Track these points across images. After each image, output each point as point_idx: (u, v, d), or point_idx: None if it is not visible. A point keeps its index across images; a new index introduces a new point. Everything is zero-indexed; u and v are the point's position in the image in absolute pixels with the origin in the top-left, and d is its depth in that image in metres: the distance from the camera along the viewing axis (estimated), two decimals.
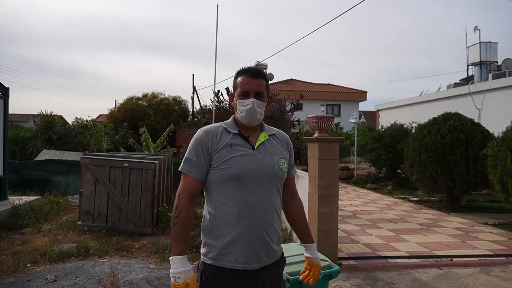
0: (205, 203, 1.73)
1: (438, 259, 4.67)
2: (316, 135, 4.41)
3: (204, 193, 1.74)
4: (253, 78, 1.72)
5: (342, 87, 30.81)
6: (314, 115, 4.38)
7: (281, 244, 1.81)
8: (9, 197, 7.29)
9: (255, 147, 1.68)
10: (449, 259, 4.68)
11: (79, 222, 5.97)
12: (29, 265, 4.20)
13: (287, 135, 1.89)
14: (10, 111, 7.65)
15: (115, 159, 6.23)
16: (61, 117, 27.45)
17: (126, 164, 6.06)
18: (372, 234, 5.94)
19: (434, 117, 8.88)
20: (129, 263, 4.33)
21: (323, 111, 4.82)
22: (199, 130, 1.76)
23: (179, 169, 1.73)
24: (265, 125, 1.82)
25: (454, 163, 7.88)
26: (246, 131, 1.71)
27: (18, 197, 7.18)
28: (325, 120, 4.28)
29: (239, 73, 1.77)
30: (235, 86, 1.78)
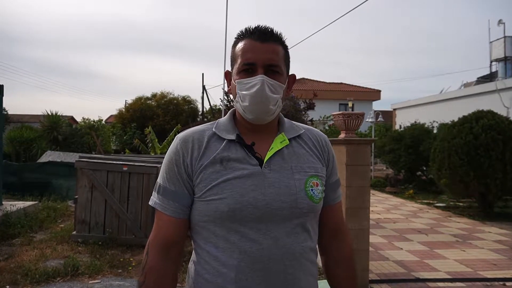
0: (193, 250, 1.07)
1: (488, 284, 3.94)
2: (342, 135, 3.73)
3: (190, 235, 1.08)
4: (263, 42, 1.01)
5: (356, 86, 29.93)
6: (340, 112, 3.70)
7: None
8: (4, 202, 6.78)
9: (265, 161, 1.00)
10: (501, 283, 3.94)
11: (74, 232, 5.40)
12: (7, 287, 3.62)
13: (324, 135, 1.16)
14: (22, 112, 7.22)
15: (114, 162, 5.64)
16: (72, 117, 27.28)
17: (125, 168, 5.46)
18: (402, 249, 5.22)
19: (464, 116, 8.09)
20: (122, 286, 3.72)
21: (350, 107, 4.11)
22: (175, 137, 1.08)
23: (149, 203, 1.07)
24: (285, 120, 1.11)
25: (489, 166, 7.09)
26: (252, 133, 1.06)
27: (11, 203, 6.65)
28: (353, 118, 3.59)
29: (240, 36, 1.05)
30: (233, 58, 1.06)
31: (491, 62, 17.46)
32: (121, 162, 5.62)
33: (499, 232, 6.31)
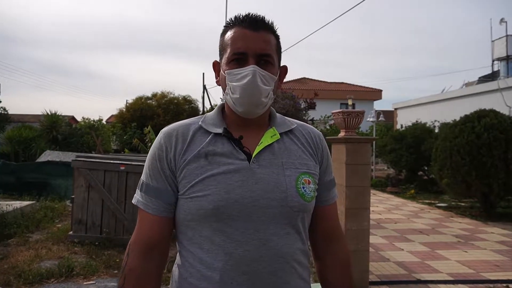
0: (178, 251, 1.01)
1: (491, 285, 3.85)
2: (342, 134, 3.65)
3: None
4: (254, 30, 0.94)
5: (357, 85, 29.84)
6: (339, 110, 3.62)
7: None
8: (0, 202, 6.72)
9: (253, 156, 0.94)
10: (505, 285, 3.86)
11: (71, 233, 5.33)
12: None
13: (318, 131, 1.09)
14: (23, 112, 7.16)
15: (111, 161, 5.57)
16: (72, 117, 27.27)
17: (122, 168, 5.40)
18: (403, 249, 5.14)
19: (466, 115, 7.99)
20: None
21: (350, 105, 4.04)
22: (160, 132, 1.02)
23: (132, 201, 1.01)
24: (277, 115, 1.05)
25: (492, 165, 7.00)
26: (241, 127, 1.00)
27: (8, 202, 6.59)
28: (353, 116, 3.51)
29: (230, 24, 0.98)
30: (222, 47, 0.99)
31: (493, 61, 17.36)
32: (118, 162, 5.55)
33: (501, 232, 6.22)
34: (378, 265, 4.43)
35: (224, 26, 1.01)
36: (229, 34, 0.97)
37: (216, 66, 1.04)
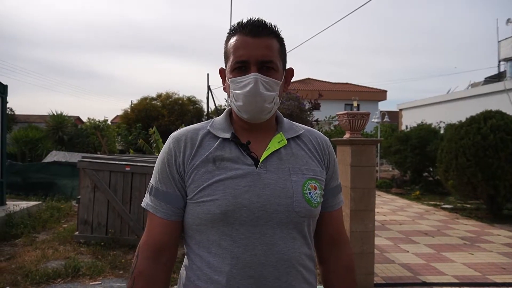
0: (186, 254, 1.03)
1: None
2: (347, 135, 3.65)
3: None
4: (255, 36, 0.95)
5: (362, 86, 29.73)
6: (344, 111, 3.62)
7: None
8: (7, 202, 6.79)
9: (260, 161, 0.95)
10: None
11: (77, 233, 5.38)
12: None
13: (325, 137, 1.10)
14: (29, 112, 7.22)
15: (116, 162, 5.61)
16: (78, 118, 27.44)
17: (127, 169, 5.43)
18: (408, 251, 5.12)
19: (471, 116, 7.95)
20: None
21: (355, 107, 4.03)
22: (169, 136, 1.03)
23: (141, 204, 1.03)
24: (285, 120, 1.06)
25: (498, 167, 6.96)
26: (248, 132, 1.01)
27: (14, 203, 6.65)
28: (358, 117, 3.51)
29: (232, 32, 0.99)
30: (226, 55, 1.01)
31: (499, 61, 17.24)
32: (123, 163, 5.58)
33: (508, 235, 6.17)
34: (383, 267, 4.41)
35: (227, 33, 1.02)
36: (231, 41, 0.99)
37: (222, 73, 1.06)
